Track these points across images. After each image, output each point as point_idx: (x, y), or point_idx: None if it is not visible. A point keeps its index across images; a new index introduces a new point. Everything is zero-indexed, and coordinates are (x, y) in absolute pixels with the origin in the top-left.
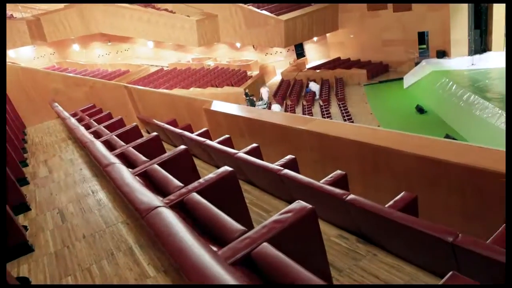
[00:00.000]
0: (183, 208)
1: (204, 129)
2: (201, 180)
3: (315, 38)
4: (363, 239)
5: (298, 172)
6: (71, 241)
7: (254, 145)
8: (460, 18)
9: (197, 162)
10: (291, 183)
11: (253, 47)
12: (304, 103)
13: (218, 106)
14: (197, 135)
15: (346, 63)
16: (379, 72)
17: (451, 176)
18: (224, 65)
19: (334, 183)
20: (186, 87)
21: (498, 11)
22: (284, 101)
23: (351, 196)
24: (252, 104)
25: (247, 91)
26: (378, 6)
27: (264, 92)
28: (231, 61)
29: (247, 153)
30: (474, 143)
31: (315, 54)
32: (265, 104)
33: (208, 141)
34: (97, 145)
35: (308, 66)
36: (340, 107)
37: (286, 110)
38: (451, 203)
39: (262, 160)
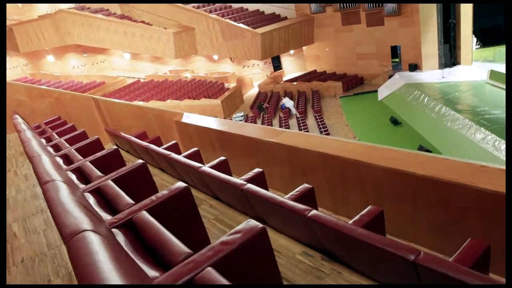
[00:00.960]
0: (132, 228)
1: (172, 142)
2: (153, 197)
3: (291, 51)
4: (328, 257)
5: (265, 185)
6: (8, 266)
7: (222, 158)
8: (430, 33)
9: (163, 176)
10: (254, 198)
11: (231, 59)
12: (281, 115)
13: (189, 118)
14: (165, 148)
15: (322, 76)
16: (354, 84)
17: (418, 188)
18: (202, 77)
19: (300, 197)
20: (162, 99)
21: (466, 28)
22: (261, 113)
23: (313, 212)
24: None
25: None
26: (351, 21)
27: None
28: (209, 73)
29: (213, 166)
30: (446, 154)
31: (291, 67)
32: (242, 116)
33: (173, 155)
34: (43, 160)
35: (285, 78)
36: (317, 119)
37: (263, 122)
38: (419, 215)
39: (230, 173)
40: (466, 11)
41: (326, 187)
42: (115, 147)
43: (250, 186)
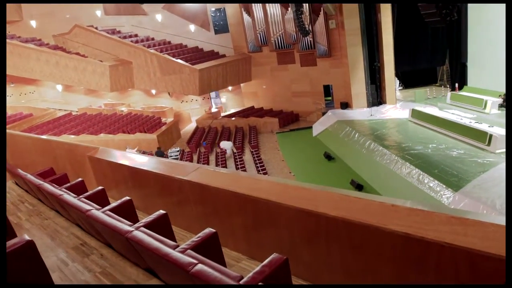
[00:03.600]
0: None
1: (78, 180)
2: None
3: (230, 88)
4: None
5: (169, 231)
6: None
7: (126, 198)
8: (358, 75)
9: (58, 220)
10: (140, 248)
11: (169, 94)
12: (218, 150)
13: (104, 153)
14: (67, 187)
15: (260, 112)
16: (290, 120)
17: (330, 230)
18: (138, 111)
19: (201, 244)
20: (95, 133)
21: (389, 70)
22: (198, 149)
23: (198, 267)
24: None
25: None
26: (287, 61)
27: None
28: (146, 108)
29: (114, 208)
30: (377, 187)
31: (230, 103)
32: (178, 151)
33: (65, 196)
34: None
35: (223, 114)
36: (253, 154)
37: (199, 158)
38: (333, 259)
39: (136, 216)
40: (388, 56)
41: (240, 228)
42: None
43: (136, 233)
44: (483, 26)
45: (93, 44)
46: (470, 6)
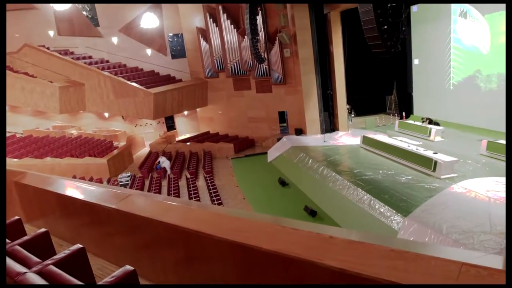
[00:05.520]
0: None
1: None
2: None
3: (185, 112)
4: None
5: (86, 267)
6: None
7: (41, 230)
8: (312, 102)
9: None
10: None
11: (123, 117)
12: (171, 176)
13: (33, 178)
14: None
15: (215, 137)
16: (246, 146)
17: (265, 265)
18: (89, 135)
19: (116, 285)
20: (39, 157)
21: (341, 98)
22: (150, 174)
23: None
24: None
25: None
26: (243, 87)
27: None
28: (98, 131)
29: (25, 243)
30: (330, 213)
31: (185, 128)
32: (128, 176)
33: None
34: None
35: (178, 138)
36: (207, 180)
37: (151, 183)
38: None
39: (53, 252)
40: (340, 85)
41: (171, 263)
42: None
43: (29, 276)
44: (425, 60)
45: (44, 64)
46: (414, 39)
